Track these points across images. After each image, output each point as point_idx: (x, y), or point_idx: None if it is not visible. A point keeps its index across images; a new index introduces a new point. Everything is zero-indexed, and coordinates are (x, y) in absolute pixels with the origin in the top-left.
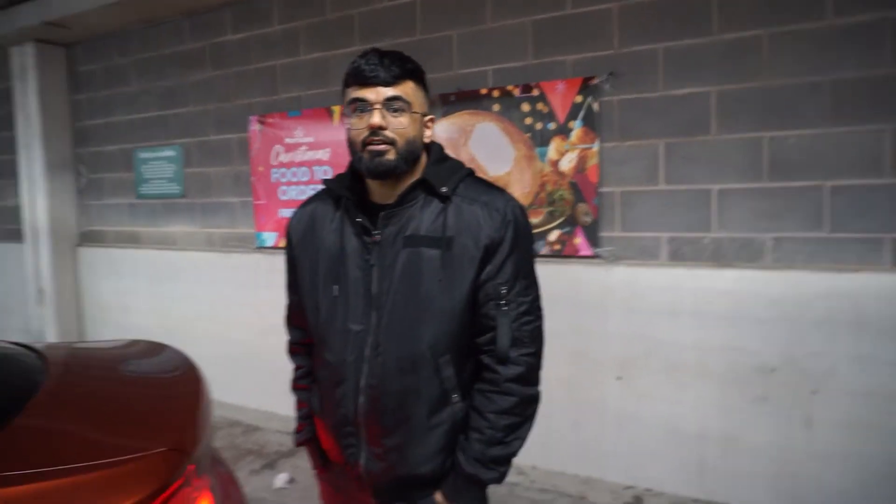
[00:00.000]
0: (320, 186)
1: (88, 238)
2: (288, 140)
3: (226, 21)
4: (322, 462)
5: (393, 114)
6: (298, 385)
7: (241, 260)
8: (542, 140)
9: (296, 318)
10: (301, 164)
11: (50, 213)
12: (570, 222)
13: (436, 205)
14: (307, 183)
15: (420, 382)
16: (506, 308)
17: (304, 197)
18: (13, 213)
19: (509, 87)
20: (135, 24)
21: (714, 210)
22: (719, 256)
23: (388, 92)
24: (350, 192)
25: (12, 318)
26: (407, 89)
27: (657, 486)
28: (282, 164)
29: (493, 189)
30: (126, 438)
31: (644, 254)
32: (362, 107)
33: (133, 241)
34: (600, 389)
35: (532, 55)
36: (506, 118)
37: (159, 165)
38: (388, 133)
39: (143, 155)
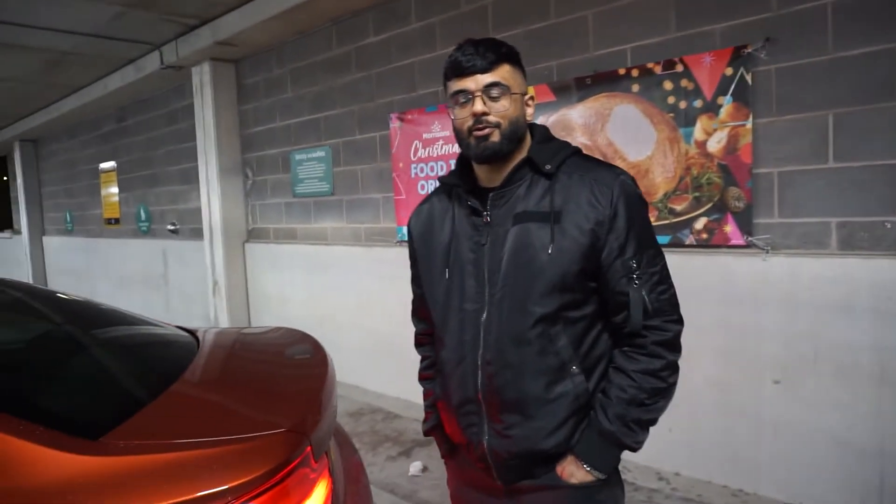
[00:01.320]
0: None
1: (254, 235)
2: (426, 135)
3: (368, 24)
4: (448, 449)
5: (493, 99)
6: (424, 375)
7: (383, 253)
8: (686, 120)
9: (420, 310)
10: (438, 158)
11: (223, 213)
12: (720, 208)
13: (543, 182)
14: None
15: (535, 355)
16: (638, 283)
17: None
18: (197, 214)
19: (650, 65)
20: (290, 35)
21: None
22: None
23: (486, 79)
24: (461, 180)
25: (195, 306)
26: (504, 73)
27: None
28: (420, 160)
29: (600, 164)
30: (251, 417)
31: (808, 242)
32: (464, 97)
33: (290, 237)
34: (755, 393)
35: (675, 28)
36: (646, 99)
37: (311, 166)
38: (490, 118)
39: (298, 157)
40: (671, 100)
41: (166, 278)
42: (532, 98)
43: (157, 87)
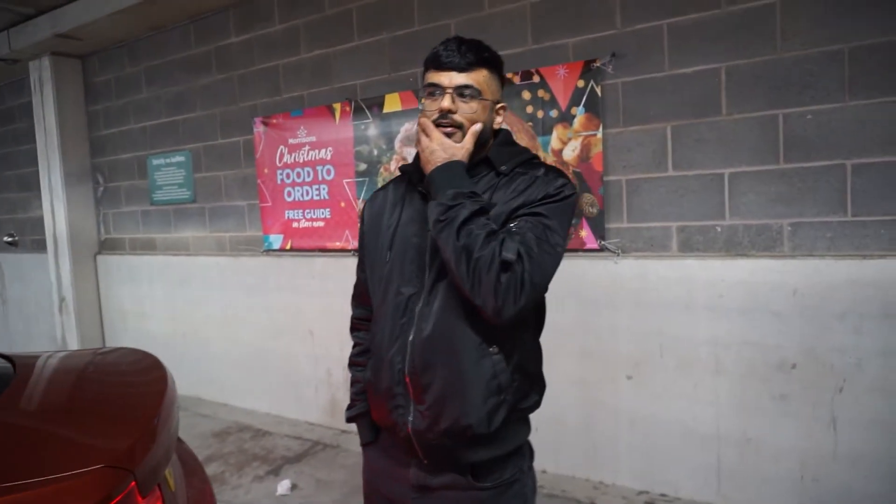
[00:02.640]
0: (323, 186)
1: (107, 246)
2: (291, 140)
3: (229, 23)
4: (371, 438)
5: (463, 99)
6: (354, 361)
7: (249, 263)
8: (544, 129)
9: (361, 295)
10: (305, 164)
11: (69, 222)
12: (576, 214)
13: (491, 177)
14: (311, 183)
15: (458, 335)
16: (515, 232)
17: (308, 198)
18: (40, 224)
19: (509, 75)
20: (143, 31)
21: (726, 196)
22: (733, 245)
23: (461, 79)
24: (417, 170)
25: (39, 325)
26: (479, 77)
27: (672, 490)
28: (286, 165)
29: (552, 168)
30: (66, 454)
31: (653, 245)
32: (435, 90)
33: (149, 247)
34: (611, 389)
35: (532, 40)
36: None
37: (171, 171)
38: (456, 117)
39: (156, 161)
40: (529, 109)
41: (3, 296)
42: (504, 107)
43: None
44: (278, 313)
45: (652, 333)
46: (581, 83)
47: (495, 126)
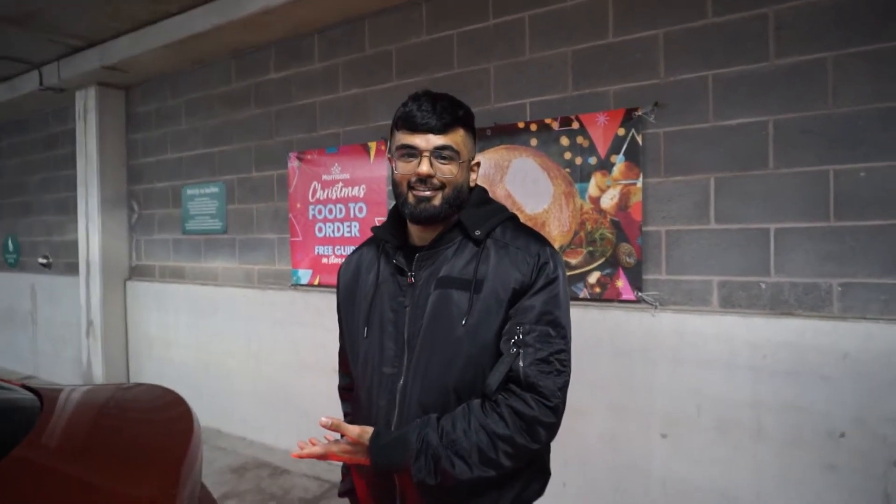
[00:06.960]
0: (355, 223)
1: (137, 272)
2: (325, 177)
3: (269, 60)
4: None
5: (441, 161)
6: None
7: (277, 297)
8: (582, 175)
9: (344, 364)
10: (337, 200)
11: (102, 247)
12: (612, 263)
13: (471, 248)
14: (343, 220)
15: None
16: (515, 349)
17: (339, 235)
18: (74, 248)
19: (547, 121)
20: (186, 65)
21: (772, 252)
22: (778, 304)
23: (439, 140)
24: (391, 235)
25: (67, 348)
26: (457, 138)
27: None
28: (318, 201)
29: (530, 235)
30: (92, 500)
31: (692, 299)
32: (411, 153)
33: (178, 275)
34: (644, 448)
35: (572, 86)
36: (544, 153)
37: (204, 202)
38: (435, 181)
39: (190, 191)
40: (567, 155)
41: (34, 317)
42: (478, 164)
43: (35, 108)
44: (303, 349)
45: (689, 391)
46: (621, 131)
47: (470, 184)
